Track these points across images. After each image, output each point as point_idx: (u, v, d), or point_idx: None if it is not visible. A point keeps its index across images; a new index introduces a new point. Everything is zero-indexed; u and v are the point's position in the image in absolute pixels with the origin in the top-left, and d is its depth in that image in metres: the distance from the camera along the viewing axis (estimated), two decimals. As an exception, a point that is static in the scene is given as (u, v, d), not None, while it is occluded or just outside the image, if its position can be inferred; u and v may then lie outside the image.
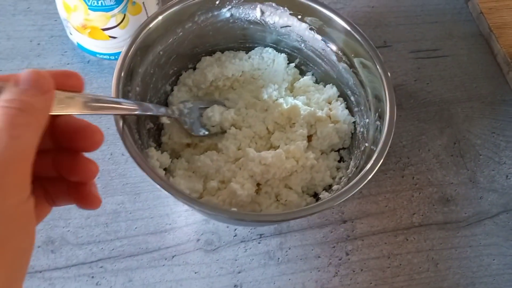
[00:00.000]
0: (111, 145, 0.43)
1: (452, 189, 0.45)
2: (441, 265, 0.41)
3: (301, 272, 0.39)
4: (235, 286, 0.38)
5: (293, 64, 0.44)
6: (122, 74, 0.34)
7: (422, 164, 0.45)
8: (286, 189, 0.38)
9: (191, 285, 0.38)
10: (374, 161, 0.32)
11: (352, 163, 0.38)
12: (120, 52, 0.34)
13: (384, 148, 0.32)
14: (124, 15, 0.42)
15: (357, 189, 0.30)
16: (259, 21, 0.42)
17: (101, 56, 0.47)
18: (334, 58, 0.41)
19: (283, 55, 0.44)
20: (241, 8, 0.41)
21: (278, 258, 0.40)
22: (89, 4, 0.40)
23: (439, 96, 0.50)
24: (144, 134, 0.36)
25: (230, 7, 0.41)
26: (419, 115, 0.48)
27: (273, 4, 0.41)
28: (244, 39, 0.44)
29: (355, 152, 0.38)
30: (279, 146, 0.39)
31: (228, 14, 0.41)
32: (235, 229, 0.40)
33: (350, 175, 0.36)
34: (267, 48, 0.44)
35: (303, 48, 0.43)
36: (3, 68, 0.46)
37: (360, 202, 0.43)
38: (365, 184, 0.31)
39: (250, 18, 0.42)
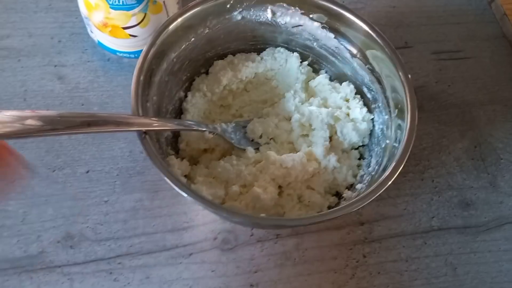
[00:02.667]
0: (130, 143, 0.44)
1: (472, 193, 0.44)
2: (460, 269, 0.40)
3: (317, 273, 0.39)
4: (251, 285, 0.38)
5: (306, 63, 0.44)
6: (141, 78, 0.34)
7: (442, 167, 0.45)
8: (309, 190, 0.38)
9: (207, 284, 0.38)
10: (397, 162, 0.32)
11: (373, 161, 0.37)
12: (140, 51, 0.36)
13: (406, 149, 0.32)
14: (145, 14, 0.42)
15: (381, 191, 0.30)
16: (270, 22, 0.42)
17: (122, 54, 0.47)
18: (347, 55, 0.41)
19: (296, 54, 0.44)
20: (252, 10, 0.41)
21: (295, 259, 0.39)
22: (110, 3, 0.40)
23: (460, 99, 0.49)
24: (162, 143, 0.37)
25: (241, 9, 0.40)
26: (440, 117, 0.48)
27: (284, 5, 0.41)
28: (255, 41, 0.44)
29: (375, 149, 0.38)
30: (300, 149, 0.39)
31: (239, 17, 0.41)
32: (252, 229, 0.40)
33: (373, 173, 0.36)
34: (278, 48, 0.44)
35: (315, 46, 0.43)
36: (25, 65, 0.47)
37: (378, 205, 0.42)
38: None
39: (261, 19, 0.42)
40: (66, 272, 0.38)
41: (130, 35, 0.44)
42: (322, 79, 0.43)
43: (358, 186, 0.36)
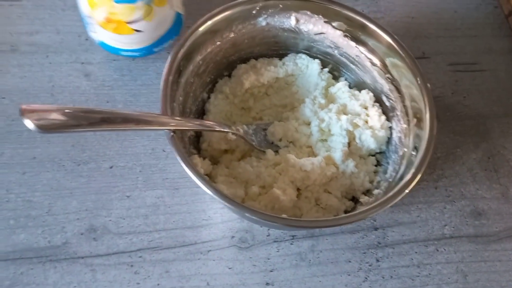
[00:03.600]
0: (153, 141, 0.45)
1: (484, 203, 0.45)
2: (470, 277, 0.41)
3: (331, 275, 0.40)
4: (267, 283, 0.39)
5: (326, 70, 0.45)
6: (170, 78, 0.36)
7: (455, 177, 0.46)
8: (326, 194, 0.39)
9: (224, 280, 0.39)
10: (415, 171, 0.33)
11: (390, 168, 0.39)
12: (144, 48, 0.42)
13: (425, 159, 0.34)
14: (149, 6, 0.41)
15: (399, 198, 0.31)
16: (293, 29, 0.43)
17: (126, 53, 0.47)
18: (368, 63, 0.42)
19: (317, 61, 0.45)
20: (276, 17, 0.42)
21: (310, 260, 0.41)
22: None
23: (475, 110, 0.50)
24: (186, 142, 0.38)
25: (266, 15, 0.42)
26: (455, 128, 0.49)
27: (308, 12, 0.42)
28: (277, 46, 0.45)
29: (393, 156, 0.39)
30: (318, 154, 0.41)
31: (263, 23, 0.42)
32: (268, 229, 0.42)
33: (390, 179, 0.37)
34: (300, 55, 0.45)
35: (336, 54, 0.44)
36: (53, 61, 0.48)
37: (392, 211, 0.43)
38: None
39: (284, 26, 0.43)
40: (88, 263, 0.39)
41: (135, 30, 0.43)
42: (342, 86, 0.44)
43: (376, 191, 0.38)
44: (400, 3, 0.56)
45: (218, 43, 0.41)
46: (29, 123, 0.27)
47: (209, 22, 0.38)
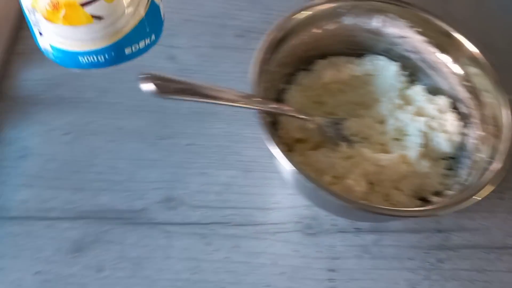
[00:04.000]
0: (229, 125, 0.47)
1: (548, 219, 0.45)
2: (530, 289, 0.42)
3: (393, 270, 0.41)
4: (330, 270, 0.41)
5: (403, 73, 0.46)
6: (258, 66, 0.38)
7: (522, 190, 0.46)
8: (397, 191, 0.40)
9: (290, 261, 0.41)
10: (492, 180, 0.34)
11: (463, 172, 0.40)
12: (110, 47, 0.33)
13: (503, 169, 0.35)
14: None
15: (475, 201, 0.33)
16: (375, 30, 0.45)
17: (86, 59, 0.34)
18: (446, 70, 0.43)
19: (396, 63, 0.46)
20: (362, 17, 0.44)
21: (373, 253, 0.42)
22: None
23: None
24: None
25: (352, 15, 0.44)
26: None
27: (393, 16, 0.43)
28: (355, 46, 0.47)
29: (466, 162, 0.40)
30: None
31: (348, 22, 0.44)
32: (334, 219, 0.43)
33: (461, 184, 0.38)
34: (379, 56, 0.47)
35: (414, 58, 0.45)
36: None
37: (457, 216, 0.44)
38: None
39: (367, 27, 0.45)
40: (165, 230, 0.41)
41: (93, 17, 0.31)
42: (419, 89, 0.45)
43: (448, 193, 0.39)
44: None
45: (303, 37, 0.43)
46: (150, 86, 0.30)
47: (302, 17, 0.41)
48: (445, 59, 0.43)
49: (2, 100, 0.47)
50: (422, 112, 0.44)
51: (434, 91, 0.45)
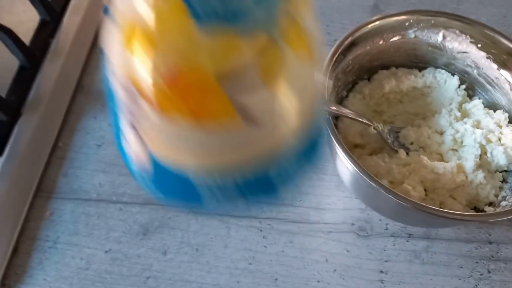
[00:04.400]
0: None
1: None
2: None
3: (442, 276, 0.42)
4: (381, 271, 0.42)
5: (463, 87, 0.47)
6: (329, 68, 0.40)
7: None
8: (451, 199, 0.42)
9: (342, 260, 0.43)
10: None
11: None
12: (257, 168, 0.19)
13: None
14: (274, 44, 0.17)
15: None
16: (438, 45, 0.46)
17: (208, 191, 0.20)
18: (506, 86, 0.44)
19: (456, 77, 0.47)
20: (425, 31, 0.46)
21: (423, 259, 0.43)
22: (196, 10, 0.16)
23: None
24: None
25: (416, 29, 0.45)
26: None
27: (457, 31, 0.45)
28: (416, 59, 0.49)
29: None
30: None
31: (412, 35, 0.46)
32: (387, 224, 0.45)
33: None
34: (439, 69, 0.48)
35: (474, 73, 0.46)
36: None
37: (508, 229, 0.45)
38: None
39: (430, 41, 0.46)
40: (225, 221, 0.44)
41: (241, 114, 0.17)
42: (477, 103, 0.46)
43: (503, 203, 0.40)
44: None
45: (368, 47, 0.45)
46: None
47: (369, 26, 0.43)
48: (506, 76, 0.44)
49: (83, 93, 0.51)
50: (480, 125, 0.45)
51: (492, 106, 0.46)
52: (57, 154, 0.48)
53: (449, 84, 0.47)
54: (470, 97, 0.48)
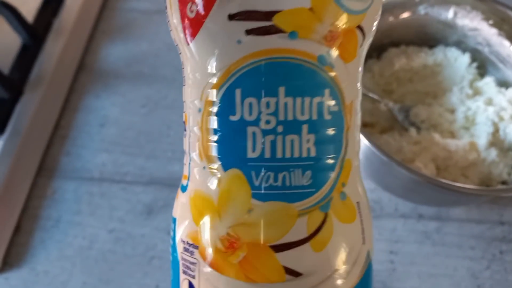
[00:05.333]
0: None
1: None
2: None
3: (454, 257, 0.41)
4: (391, 252, 0.41)
5: (474, 65, 0.46)
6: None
7: None
8: (463, 177, 0.41)
9: (351, 241, 0.42)
10: None
11: (532, 164, 0.39)
12: None
13: None
14: (325, 215, 0.20)
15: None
16: (448, 22, 0.45)
17: None
18: None
19: (468, 54, 0.46)
20: (436, 8, 0.45)
21: (434, 240, 0.42)
22: (258, 186, 0.19)
23: None
24: None
25: (427, 5, 0.44)
26: None
27: (468, 8, 0.44)
28: (426, 37, 0.47)
29: None
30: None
31: (423, 12, 0.45)
32: (396, 204, 0.44)
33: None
34: (450, 47, 0.47)
35: (485, 51, 0.45)
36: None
37: (521, 210, 0.44)
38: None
39: (441, 18, 0.45)
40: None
41: (287, 272, 0.19)
42: (489, 81, 0.45)
43: (518, 181, 0.39)
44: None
45: (378, 24, 0.44)
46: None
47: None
48: (518, 53, 0.43)
49: (86, 72, 0.51)
50: (492, 103, 0.44)
51: (503, 84, 0.45)
52: (59, 133, 0.47)
53: (460, 62, 0.46)
54: (481, 75, 0.47)
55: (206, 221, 0.20)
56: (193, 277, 0.20)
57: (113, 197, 0.43)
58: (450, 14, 0.45)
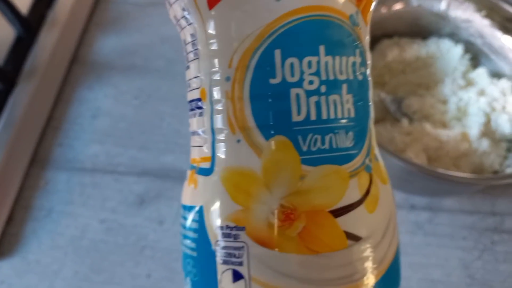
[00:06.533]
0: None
1: None
2: None
3: (446, 248, 0.41)
4: (382, 242, 0.41)
5: (467, 56, 0.46)
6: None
7: None
8: (455, 168, 0.41)
9: (342, 231, 0.42)
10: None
11: (524, 154, 0.39)
12: None
13: None
14: (370, 176, 0.20)
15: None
16: (441, 14, 0.45)
17: None
18: (511, 55, 0.43)
19: (460, 46, 0.46)
20: None
21: (426, 230, 0.42)
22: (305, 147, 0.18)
23: None
24: None
25: None
26: None
27: None
28: (419, 29, 0.47)
29: None
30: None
31: (415, 3, 0.45)
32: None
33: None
34: (442, 39, 0.47)
35: (477, 43, 0.45)
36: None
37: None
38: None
39: (433, 9, 0.45)
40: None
41: (349, 237, 0.18)
42: (482, 72, 0.45)
43: (508, 170, 0.39)
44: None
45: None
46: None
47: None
48: (510, 44, 0.43)
49: (79, 64, 0.51)
50: (484, 93, 0.44)
51: (496, 75, 0.45)
52: (52, 124, 0.47)
53: (452, 53, 0.46)
54: (474, 67, 0.47)
55: (252, 196, 0.18)
56: (240, 263, 0.18)
57: (105, 187, 0.44)
58: (442, 5, 0.45)
